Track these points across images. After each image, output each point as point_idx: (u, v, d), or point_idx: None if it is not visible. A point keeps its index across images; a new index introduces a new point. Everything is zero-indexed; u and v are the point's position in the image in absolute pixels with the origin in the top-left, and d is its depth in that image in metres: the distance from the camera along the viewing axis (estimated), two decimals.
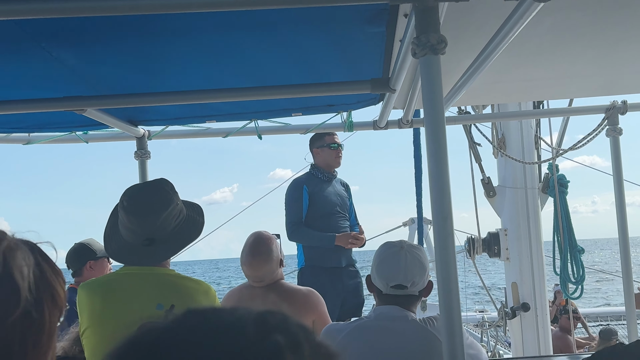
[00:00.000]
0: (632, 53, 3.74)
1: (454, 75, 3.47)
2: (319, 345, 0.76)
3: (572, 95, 5.15)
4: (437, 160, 2.15)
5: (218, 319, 0.75)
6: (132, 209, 2.81)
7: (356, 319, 3.24)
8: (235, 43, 3.03)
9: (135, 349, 0.73)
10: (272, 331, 0.72)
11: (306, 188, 5.66)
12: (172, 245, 2.87)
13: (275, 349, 0.70)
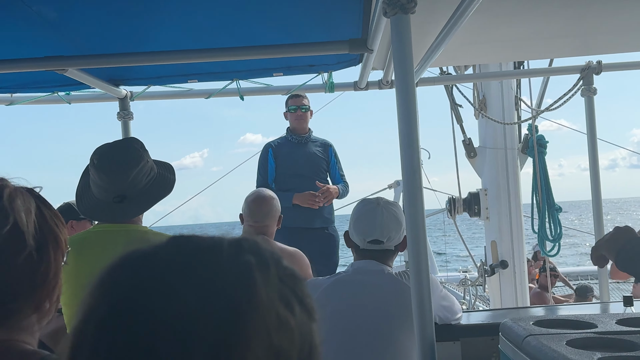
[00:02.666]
0: (607, 12, 3.77)
1: (432, 36, 3.48)
2: (285, 268, 0.83)
3: (550, 55, 5.16)
4: (407, 119, 2.20)
5: (199, 241, 0.81)
6: (102, 167, 2.82)
7: (335, 274, 3.30)
8: (217, 3, 3.05)
9: (125, 266, 0.79)
10: (244, 252, 0.79)
11: (271, 151, 5.79)
12: (143, 202, 2.89)
13: (246, 266, 0.77)
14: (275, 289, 0.78)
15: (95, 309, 0.76)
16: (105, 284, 0.78)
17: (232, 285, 0.75)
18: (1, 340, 1.33)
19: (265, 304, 0.75)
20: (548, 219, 5.87)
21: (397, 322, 2.89)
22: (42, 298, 1.39)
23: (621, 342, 1.75)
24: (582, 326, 1.95)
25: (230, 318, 0.73)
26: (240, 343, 0.72)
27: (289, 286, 0.81)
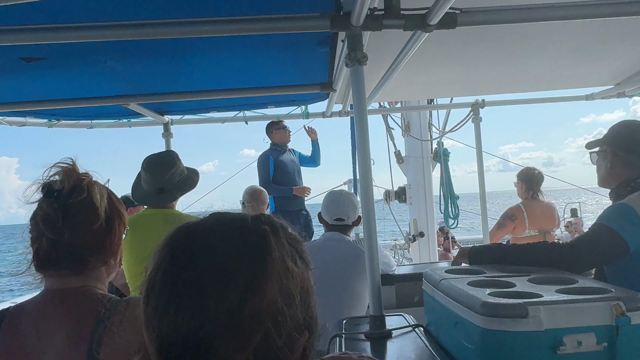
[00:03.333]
0: (488, 67, 3.83)
1: (376, 79, 3.51)
2: (290, 233, 0.84)
3: (451, 94, 5.18)
4: (361, 138, 2.18)
5: (231, 216, 0.82)
6: (149, 169, 2.85)
7: (311, 241, 3.31)
8: (230, 58, 3.03)
9: (181, 231, 0.80)
10: (262, 223, 0.80)
11: (272, 158, 5.78)
12: (175, 194, 2.89)
13: (264, 232, 0.78)
14: (284, 248, 0.79)
15: (162, 260, 0.76)
16: (168, 244, 0.78)
17: (254, 245, 0.76)
18: (80, 286, 1.32)
19: (277, 258, 0.76)
20: (450, 204, 5.94)
21: (354, 273, 2.90)
22: (109, 256, 1.38)
23: (503, 283, 1.77)
24: (477, 272, 1.95)
25: (253, 266, 0.74)
26: (261, 283, 0.73)
27: (293, 246, 0.82)
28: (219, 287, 0.71)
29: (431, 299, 1.95)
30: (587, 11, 2.02)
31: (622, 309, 1.43)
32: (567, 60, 3.73)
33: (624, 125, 2.30)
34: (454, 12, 1.94)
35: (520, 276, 1.83)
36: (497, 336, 1.45)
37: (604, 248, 2.01)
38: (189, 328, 0.70)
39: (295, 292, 0.77)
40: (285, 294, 0.75)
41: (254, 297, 0.71)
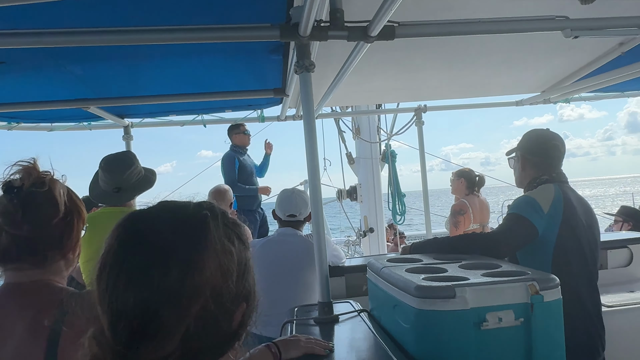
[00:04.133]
0: (428, 76, 3.96)
1: (326, 85, 3.57)
2: (228, 217, 0.89)
3: (397, 100, 5.32)
4: (310, 141, 2.22)
5: (175, 202, 0.87)
6: (107, 168, 2.80)
7: (266, 237, 3.34)
8: (189, 64, 3.04)
9: (130, 217, 0.84)
10: (203, 209, 0.85)
11: (237, 159, 5.76)
12: (133, 193, 2.85)
13: (204, 216, 0.84)
14: (222, 230, 0.84)
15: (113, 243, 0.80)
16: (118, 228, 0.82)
17: (195, 227, 0.82)
18: (40, 279, 1.31)
19: (215, 238, 0.82)
20: (397, 202, 6.08)
21: (305, 265, 2.95)
22: (68, 250, 1.38)
23: (437, 269, 1.86)
24: (415, 261, 2.05)
25: (194, 245, 0.80)
26: (200, 260, 0.79)
27: (232, 229, 0.87)
28: (163, 264, 0.76)
29: (374, 285, 2.03)
30: (509, 26, 2.16)
31: (537, 288, 1.55)
32: (499, 70, 3.91)
33: (531, 133, 2.57)
34: (393, 25, 2.04)
35: (452, 263, 1.94)
36: (429, 315, 1.54)
37: (519, 233, 2.21)
38: (136, 301, 0.75)
39: (232, 269, 0.83)
40: (223, 270, 0.81)
41: (193, 273, 0.77)
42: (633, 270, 3.50)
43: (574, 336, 2.19)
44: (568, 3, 2.04)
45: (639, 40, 3.27)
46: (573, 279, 2.22)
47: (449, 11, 2.66)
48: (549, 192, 2.30)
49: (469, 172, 5.04)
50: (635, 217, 4.88)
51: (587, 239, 2.32)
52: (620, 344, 2.67)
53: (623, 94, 4.88)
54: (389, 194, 6.15)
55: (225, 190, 4.28)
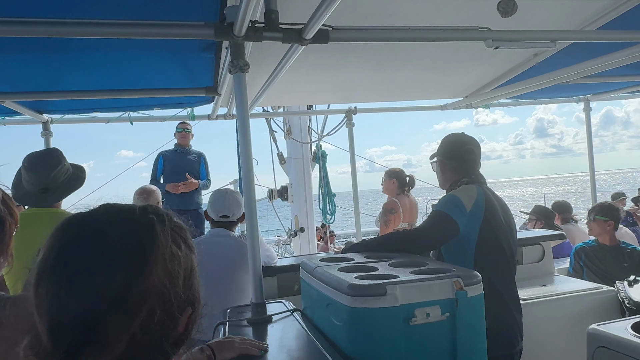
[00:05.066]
0: (358, 79, 4.05)
1: (259, 85, 3.56)
2: (175, 221, 0.88)
3: (328, 101, 5.38)
4: (244, 141, 2.22)
5: (119, 206, 0.84)
6: (31, 167, 2.60)
7: (198, 237, 3.28)
8: (116, 58, 2.93)
9: (72, 220, 0.81)
10: (149, 213, 0.84)
11: (162, 157, 5.61)
12: (61, 193, 2.67)
13: (150, 221, 0.82)
14: (169, 234, 0.83)
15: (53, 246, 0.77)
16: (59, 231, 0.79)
17: (141, 231, 0.80)
18: None
19: (162, 242, 0.80)
20: (328, 201, 6.15)
21: (238, 266, 2.93)
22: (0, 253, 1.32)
23: (368, 267, 1.92)
24: (347, 260, 2.09)
25: (140, 250, 0.77)
26: (147, 265, 0.77)
27: (177, 232, 0.86)
28: (108, 268, 0.74)
29: (307, 285, 2.06)
30: (436, 35, 2.26)
31: (461, 284, 1.64)
32: (425, 75, 4.08)
33: (447, 138, 2.68)
34: (327, 29, 2.07)
35: (383, 261, 2.01)
36: (362, 313, 1.59)
37: (442, 229, 2.32)
38: (78, 307, 0.72)
39: (179, 273, 0.81)
40: (170, 275, 0.79)
41: (140, 277, 0.75)
42: (544, 265, 3.77)
43: (494, 327, 2.33)
44: (490, 15, 2.18)
45: (551, 52, 3.53)
46: (493, 275, 2.36)
47: (381, 17, 2.76)
48: (472, 191, 2.43)
49: (400, 172, 5.20)
50: (547, 216, 5.25)
51: (506, 237, 2.47)
52: (535, 333, 2.88)
53: (537, 100, 5.25)
54: (320, 194, 6.21)
55: (151, 190, 4.15)
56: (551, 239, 3.84)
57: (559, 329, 3.08)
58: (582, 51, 3.36)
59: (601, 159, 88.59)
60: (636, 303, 3.04)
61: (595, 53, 3.20)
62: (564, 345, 3.03)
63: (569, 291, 3.26)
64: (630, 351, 2.25)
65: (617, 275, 3.55)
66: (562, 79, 3.64)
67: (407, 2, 2.68)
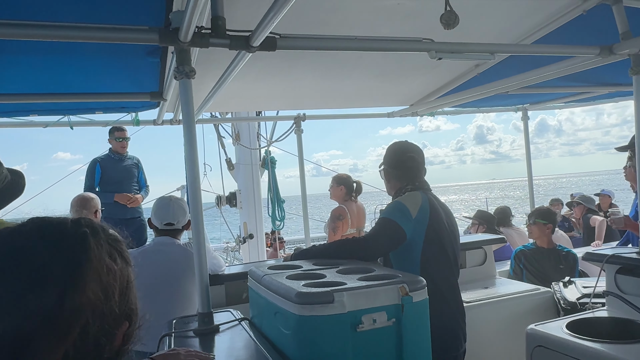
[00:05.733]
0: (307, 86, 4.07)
1: (206, 90, 3.51)
2: (110, 234, 0.85)
3: (277, 108, 5.39)
4: (190, 147, 2.17)
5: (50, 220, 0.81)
6: None
7: (141, 247, 3.19)
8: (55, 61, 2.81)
9: (2, 232, 0.77)
10: (82, 226, 0.81)
11: (99, 165, 5.35)
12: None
13: (84, 234, 0.79)
14: (103, 247, 0.81)
15: None
16: None
17: (74, 245, 0.77)
18: None
19: (96, 256, 0.78)
20: (277, 208, 6.12)
21: (184, 274, 2.88)
22: None
23: (316, 275, 1.93)
24: (295, 267, 2.09)
25: (73, 265, 0.75)
26: (80, 280, 0.74)
27: (113, 245, 0.84)
28: (39, 286, 0.71)
29: (255, 293, 2.04)
30: (382, 45, 2.32)
31: (406, 290, 1.68)
32: (372, 83, 4.15)
33: (391, 147, 2.73)
34: (274, 36, 2.08)
35: (331, 268, 2.02)
36: (310, 320, 1.59)
37: (390, 236, 2.36)
38: (7, 329, 0.69)
39: (114, 287, 0.79)
40: (105, 289, 0.77)
41: (73, 294, 0.73)
42: (486, 268, 3.90)
43: (439, 331, 2.39)
44: (433, 27, 2.24)
45: (491, 63, 3.68)
46: (438, 279, 2.42)
47: (328, 26, 2.79)
48: (417, 198, 2.48)
49: (348, 179, 5.25)
50: (489, 220, 5.45)
51: (449, 242, 2.54)
52: (478, 335, 2.97)
53: (479, 109, 5.45)
54: (269, 200, 6.18)
55: (89, 198, 3.97)
56: (492, 243, 3.99)
57: (500, 329, 3.20)
58: (520, 63, 3.53)
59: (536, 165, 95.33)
60: (571, 303, 3.20)
61: (532, 65, 3.37)
62: (505, 345, 3.15)
63: (509, 293, 3.39)
64: (565, 349, 2.37)
65: (553, 277, 3.73)
66: (501, 89, 3.80)
67: (354, 12, 2.73)
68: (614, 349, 2.20)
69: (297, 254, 2.42)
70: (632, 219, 3.51)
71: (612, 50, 2.71)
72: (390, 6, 2.66)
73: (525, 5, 2.90)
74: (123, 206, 5.30)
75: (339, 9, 2.69)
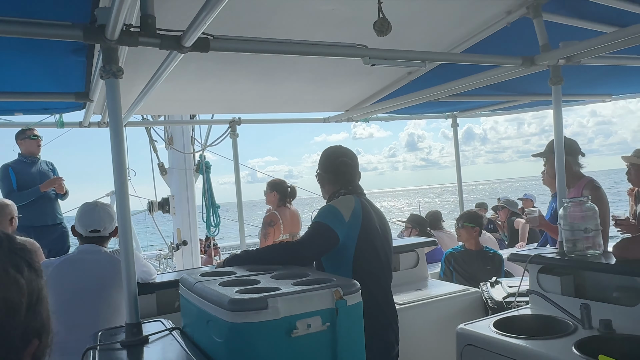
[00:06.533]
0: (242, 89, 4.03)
1: (136, 92, 3.38)
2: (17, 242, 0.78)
3: (212, 112, 5.29)
4: (117, 150, 2.08)
5: None
6: None
7: (64, 255, 3.01)
8: None
9: None
10: None
11: (11, 169, 4.93)
12: None
13: None
14: (7, 257, 0.74)
15: None
16: None
17: None
18: None
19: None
20: (212, 213, 6.00)
21: (111, 284, 2.75)
22: None
23: (250, 281, 1.89)
24: (229, 274, 2.05)
25: None
26: None
27: (20, 256, 0.77)
28: None
29: (186, 301, 1.97)
30: (317, 50, 2.32)
31: (341, 293, 1.68)
32: (308, 88, 4.16)
33: (324, 152, 2.75)
34: (207, 37, 2.03)
35: (265, 274, 1.99)
36: (243, 328, 1.55)
37: (322, 240, 2.37)
38: None
39: (20, 302, 0.73)
40: (9, 304, 0.71)
41: None
42: (419, 270, 4.00)
43: (372, 333, 2.42)
44: (368, 34, 2.27)
45: (422, 71, 3.79)
46: (371, 282, 2.45)
47: (265, 29, 2.76)
48: (350, 202, 2.50)
49: (281, 184, 5.24)
50: (421, 224, 5.61)
51: (382, 245, 2.58)
52: (411, 336, 3.03)
53: (411, 116, 5.61)
54: (203, 205, 6.05)
55: (3, 204, 3.69)
56: (424, 246, 4.10)
57: (432, 330, 3.28)
58: (450, 72, 3.66)
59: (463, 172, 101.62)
60: (497, 302, 3.34)
61: (461, 74, 3.50)
62: (437, 345, 3.23)
63: (440, 294, 3.49)
64: (492, 347, 2.46)
65: (481, 278, 3.88)
66: (432, 96, 3.93)
67: (290, 16, 2.72)
68: (536, 345, 2.32)
69: (229, 259, 2.37)
70: (549, 221, 3.73)
71: (533, 61, 2.87)
72: (326, 11, 2.67)
73: (455, 16, 3.01)
74: (42, 213, 4.95)
75: (276, 13, 2.68)
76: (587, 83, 4.56)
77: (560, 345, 2.26)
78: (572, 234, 2.70)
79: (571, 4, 2.79)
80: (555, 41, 2.84)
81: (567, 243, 2.72)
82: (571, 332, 2.41)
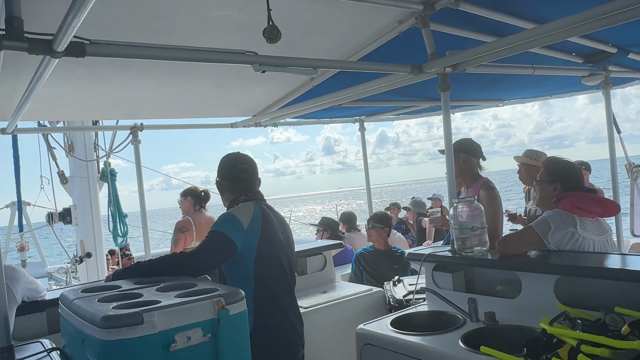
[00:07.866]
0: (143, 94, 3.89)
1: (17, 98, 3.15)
2: None
3: (115, 117, 5.07)
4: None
5: None
6: None
7: None
8: None
9: None
10: None
11: None
12: None
13: None
14: None
15: None
16: None
17: None
18: None
19: None
20: (119, 223, 5.74)
21: None
22: None
23: (133, 294, 1.81)
24: (113, 288, 1.94)
25: None
26: None
27: None
28: None
29: (65, 320, 1.86)
30: (206, 56, 2.28)
31: (223, 303, 1.65)
32: (212, 93, 4.10)
33: (222, 159, 2.72)
34: (82, 41, 1.93)
35: (151, 286, 1.92)
36: (116, 345, 1.49)
37: (218, 249, 2.33)
38: None
39: None
40: None
41: None
42: (326, 273, 4.05)
43: (275, 338, 2.42)
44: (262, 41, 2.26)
45: (323, 77, 3.86)
46: (273, 288, 2.45)
47: (156, 35, 2.68)
48: (249, 209, 2.48)
49: (194, 189, 5.11)
50: (332, 226, 5.69)
51: (283, 250, 2.58)
52: (316, 339, 3.06)
53: (320, 120, 5.69)
54: (109, 215, 5.77)
55: None
56: (331, 248, 4.15)
57: (336, 332, 3.33)
58: (351, 78, 3.76)
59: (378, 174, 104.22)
60: (398, 300, 3.46)
61: (361, 80, 3.60)
62: (341, 346, 3.28)
63: (345, 295, 3.55)
64: (389, 345, 2.54)
65: (390, 277, 3.99)
66: (335, 101, 4.00)
67: (183, 21, 2.66)
68: (427, 340, 2.42)
69: (118, 272, 2.26)
70: None
71: (421, 69, 3.00)
72: (219, 17, 2.64)
73: (350, 25, 3.08)
74: None
75: (167, 17, 2.60)
76: (480, 89, 4.85)
77: (450, 339, 2.37)
78: (461, 232, 2.84)
79: (457, 14, 2.94)
80: (444, 50, 2.98)
81: (457, 241, 2.86)
82: (460, 325, 2.53)
